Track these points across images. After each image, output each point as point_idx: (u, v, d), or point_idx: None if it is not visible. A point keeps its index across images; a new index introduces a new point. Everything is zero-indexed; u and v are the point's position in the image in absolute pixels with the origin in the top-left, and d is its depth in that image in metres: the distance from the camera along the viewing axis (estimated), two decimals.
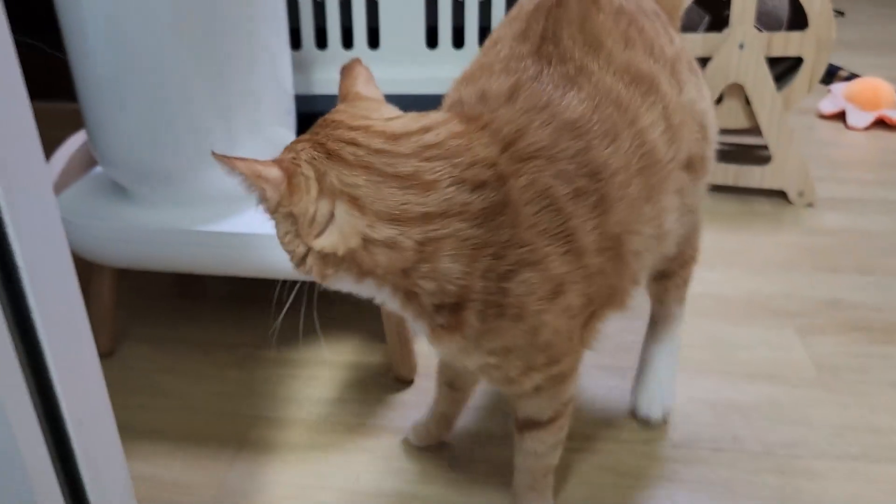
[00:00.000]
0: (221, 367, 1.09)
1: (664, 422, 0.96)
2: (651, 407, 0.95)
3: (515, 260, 0.61)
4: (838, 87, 2.08)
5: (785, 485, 0.87)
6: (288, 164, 0.62)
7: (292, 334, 1.15)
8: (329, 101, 0.97)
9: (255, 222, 0.99)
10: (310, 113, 1.23)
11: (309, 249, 0.61)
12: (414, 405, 1.01)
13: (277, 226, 0.63)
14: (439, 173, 0.60)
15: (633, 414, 0.97)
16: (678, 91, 0.74)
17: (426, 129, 0.62)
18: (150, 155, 0.98)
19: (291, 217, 0.61)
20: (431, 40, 1.28)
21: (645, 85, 0.70)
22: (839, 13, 3.14)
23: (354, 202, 0.59)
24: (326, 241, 0.60)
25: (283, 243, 0.63)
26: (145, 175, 1.00)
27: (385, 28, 1.26)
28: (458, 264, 0.60)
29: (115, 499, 0.51)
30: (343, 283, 0.64)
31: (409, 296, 0.63)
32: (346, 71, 0.72)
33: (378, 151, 0.61)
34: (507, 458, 0.91)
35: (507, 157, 0.62)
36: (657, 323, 0.97)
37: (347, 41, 1.30)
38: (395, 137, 0.62)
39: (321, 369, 1.08)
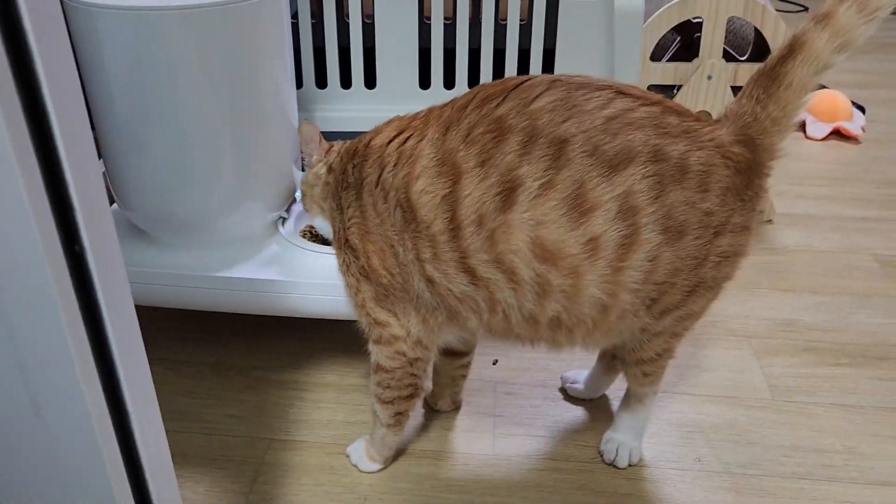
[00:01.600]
0: (236, 391, 1.19)
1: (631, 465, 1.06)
2: (618, 458, 1.06)
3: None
4: None
5: (740, 503, 1.00)
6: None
7: (300, 358, 1.25)
8: (329, 137, 1.06)
9: (269, 268, 1.08)
10: None
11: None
12: (416, 427, 1.12)
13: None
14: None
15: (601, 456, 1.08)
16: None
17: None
18: (169, 201, 1.05)
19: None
20: (424, 82, 1.37)
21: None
22: (802, 7, 3.25)
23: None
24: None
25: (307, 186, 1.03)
26: (163, 220, 1.08)
27: (381, 71, 1.34)
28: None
29: None
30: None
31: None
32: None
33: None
34: (501, 477, 1.03)
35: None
36: (629, 396, 1.07)
37: (346, 82, 1.38)
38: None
39: (327, 392, 1.19)
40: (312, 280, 1.06)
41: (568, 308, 0.85)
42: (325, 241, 1.18)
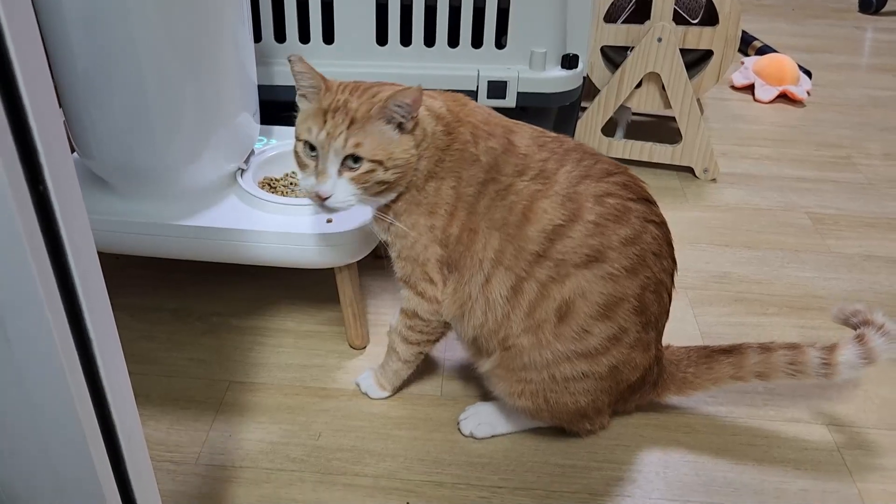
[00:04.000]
0: (196, 335, 1.24)
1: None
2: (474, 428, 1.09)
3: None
4: (750, 60, 2.28)
5: (667, 437, 1.09)
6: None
7: (259, 304, 1.31)
8: (288, 91, 1.09)
9: (229, 217, 1.12)
10: (269, 101, 1.35)
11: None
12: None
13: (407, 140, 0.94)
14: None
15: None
16: None
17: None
18: (129, 150, 1.08)
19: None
20: (381, 38, 1.40)
21: None
22: None
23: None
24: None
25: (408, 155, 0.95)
26: (123, 169, 1.11)
27: (339, 26, 1.37)
28: None
29: (139, 455, 0.64)
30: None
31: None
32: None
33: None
34: (447, 417, 1.10)
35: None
36: None
37: (304, 36, 1.41)
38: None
39: (286, 337, 1.24)
40: (271, 229, 1.10)
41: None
42: (283, 194, 1.22)
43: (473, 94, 1.42)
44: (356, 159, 0.90)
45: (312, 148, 0.92)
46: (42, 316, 0.47)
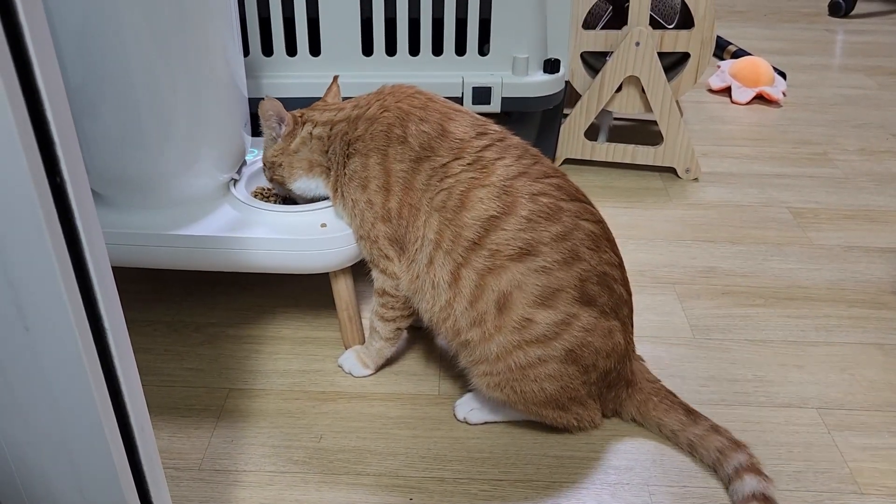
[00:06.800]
0: (193, 346, 1.25)
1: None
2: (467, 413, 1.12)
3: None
4: (726, 64, 2.33)
5: None
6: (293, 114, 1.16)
7: (254, 314, 1.32)
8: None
9: (222, 226, 1.14)
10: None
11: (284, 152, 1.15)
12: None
13: (277, 145, 1.16)
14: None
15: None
16: None
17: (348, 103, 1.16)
18: (122, 163, 1.09)
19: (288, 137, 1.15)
20: (367, 49, 1.43)
21: None
22: None
23: (311, 119, 1.15)
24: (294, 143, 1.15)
25: (273, 156, 1.17)
26: (116, 181, 1.12)
27: (325, 39, 1.39)
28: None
29: (150, 446, 0.66)
30: (299, 178, 1.16)
31: (326, 171, 1.13)
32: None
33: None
34: (446, 415, 1.12)
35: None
36: None
37: (291, 49, 1.43)
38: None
39: (282, 344, 1.26)
40: (266, 236, 1.12)
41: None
42: (276, 202, 1.24)
43: (459, 101, 1.45)
44: None
45: None
46: (61, 302, 0.49)
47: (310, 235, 1.12)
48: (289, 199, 1.23)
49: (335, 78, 1.23)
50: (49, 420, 0.54)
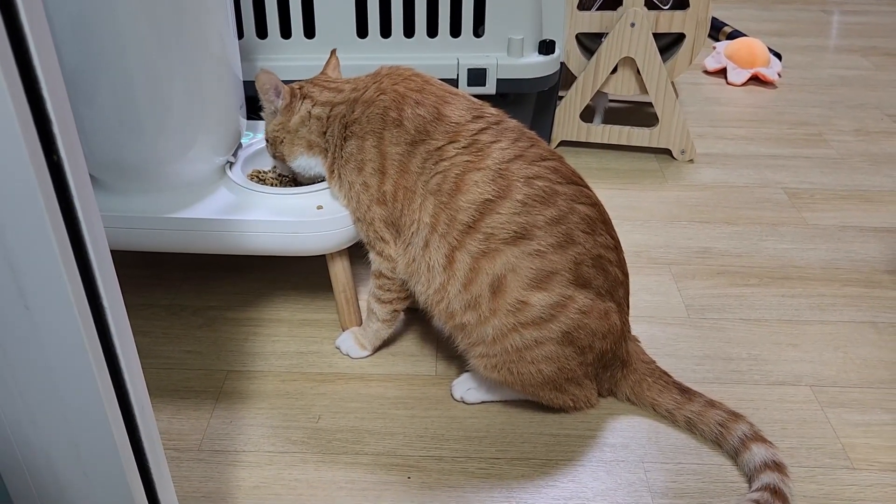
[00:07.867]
0: (191, 329, 1.26)
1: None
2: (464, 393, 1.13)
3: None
4: (721, 45, 2.33)
5: None
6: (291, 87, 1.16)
7: (252, 297, 1.32)
8: None
9: (219, 208, 1.14)
10: (254, 97, 1.37)
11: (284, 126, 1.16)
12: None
13: (276, 120, 1.17)
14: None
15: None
16: None
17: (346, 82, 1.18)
18: (118, 147, 1.09)
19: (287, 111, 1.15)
20: (362, 31, 1.43)
21: None
22: None
23: (311, 96, 1.15)
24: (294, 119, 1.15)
25: (274, 131, 1.17)
26: (113, 166, 1.12)
27: (320, 21, 1.39)
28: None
29: (156, 445, 0.67)
30: (300, 156, 1.16)
31: (324, 152, 1.14)
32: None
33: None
34: (443, 395, 1.13)
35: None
36: None
37: (286, 32, 1.43)
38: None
39: (280, 327, 1.26)
40: (263, 218, 1.12)
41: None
42: (273, 185, 1.24)
43: (454, 82, 1.45)
44: None
45: None
46: (61, 282, 0.49)
47: (306, 217, 1.12)
48: (297, 180, 1.24)
49: (333, 51, 1.23)
50: (51, 400, 0.55)
